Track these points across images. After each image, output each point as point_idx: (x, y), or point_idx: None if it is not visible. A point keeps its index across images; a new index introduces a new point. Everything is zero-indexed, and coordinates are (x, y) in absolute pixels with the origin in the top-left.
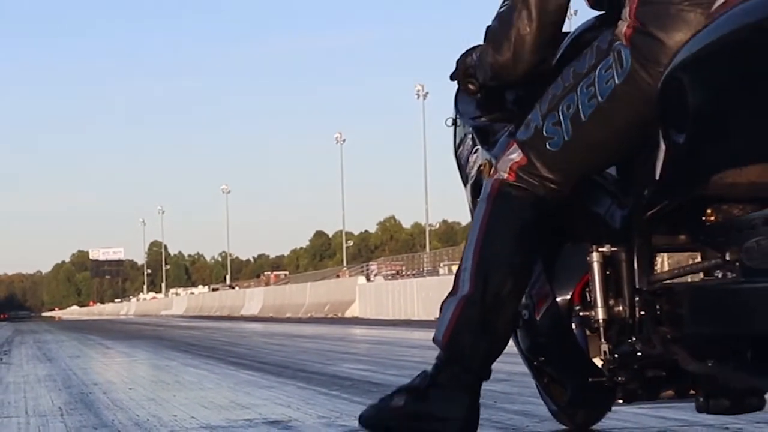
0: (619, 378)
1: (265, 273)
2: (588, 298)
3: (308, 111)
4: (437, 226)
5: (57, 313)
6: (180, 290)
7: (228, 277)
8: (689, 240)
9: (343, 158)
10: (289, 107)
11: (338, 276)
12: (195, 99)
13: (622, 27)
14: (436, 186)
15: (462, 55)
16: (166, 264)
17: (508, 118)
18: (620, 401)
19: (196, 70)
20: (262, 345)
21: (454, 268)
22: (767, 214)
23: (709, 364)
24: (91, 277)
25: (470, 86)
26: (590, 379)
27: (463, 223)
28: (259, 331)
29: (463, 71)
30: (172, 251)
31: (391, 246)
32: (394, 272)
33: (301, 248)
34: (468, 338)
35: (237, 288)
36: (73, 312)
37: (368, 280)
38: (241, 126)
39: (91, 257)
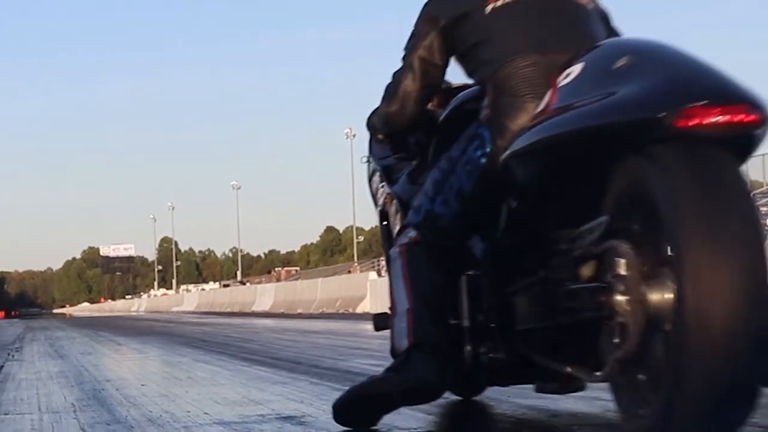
0: (480, 370)
1: (276, 269)
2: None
3: (318, 106)
4: None
5: (68, 310)
6: (191, 286)
7: (239, 273)
8: (529, 264)
9: (354, 153)
10: (300, 102)
11: (349, 272)
12: (205, 95)
13: (485, 113)
14: None
15: (373, 110)
16: (176, 260)
17: (408, 159)
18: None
19: (206, 65)
20: (274, 341)
21: None
22: (562, 248)
23: (540, 356)
24: (102, 274)
25: (378, 136)
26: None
27: None
28: (270, 327)
29: (372, 124)
30: (183, 247)
31: None
32: None
33: (312, 244)
34: (429, 327)
35: (248, 284)
36: (84, 309)
37: (379, 275)
38: (251, 122)
39: (101, 254)
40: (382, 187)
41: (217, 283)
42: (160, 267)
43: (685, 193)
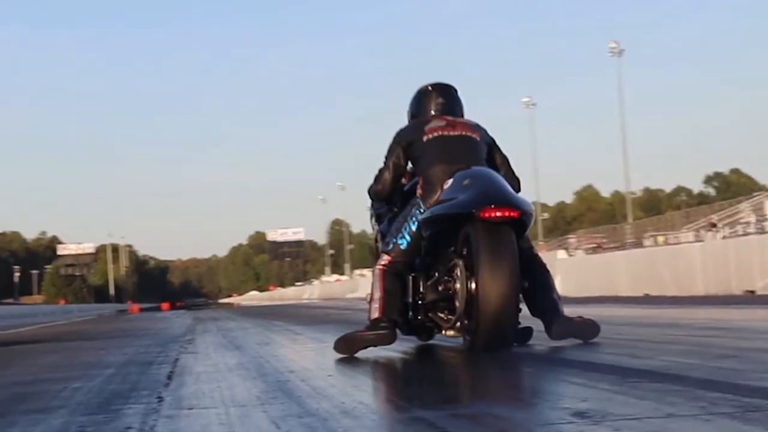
0: (418, 325)
1: None
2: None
3: (495, 76)
4: (639, 194)
5: (235, 299)
6: (365, 271)
7: None
8: (434, 269)
9: (535, 124)
10: (476, 72)
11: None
12: (373, 70)
13: (419, 192)
14: (637, 150)
15: (370, 185)
16: (349, 243)
17: (389, 211)
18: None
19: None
20: None
21: (660, 240)
22: (443, 262)
23: (434, 315)
24: (270, 260)
25: (372, 199)
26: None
27: (667, 190)
28: None
29: (369, 192)
30: (355, 230)
31: (589, 217)
32: (594, 245)
33: None
34: (389, 308)
35: None
36: (253, 297)
37: (568, 254)
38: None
39: (269, 239)
40: (375, 226)
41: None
42: (332, 251)
43: (483, 243)
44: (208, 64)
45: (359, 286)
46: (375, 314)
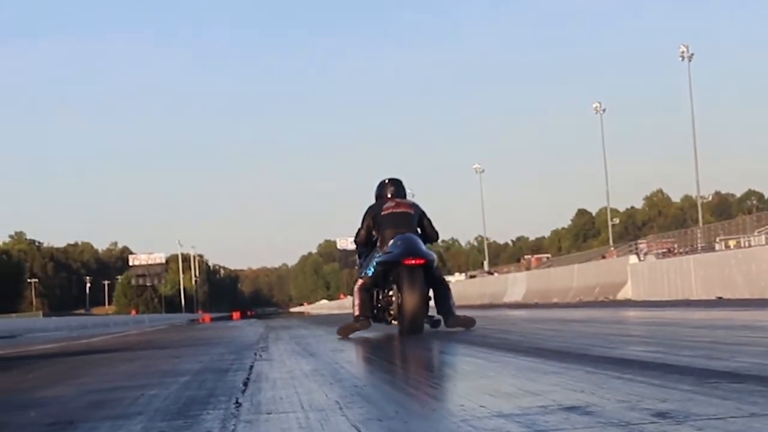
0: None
1: (526, 257)
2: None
3: (563, 81)
4: (710, 198)
5: (305, 308)
6: None
7: (486, 263)
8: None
9: (604, 129)
10: (543, 77)
11: (603, 257)
12: (441, 73)
13: (378, 243)
14: (707, 154)
15: (354, 236)
16: None
17: (363, 253)
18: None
19: (438, 41)
20: (535, 331)
21: (732, 244)
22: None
23: (386, 314)
24: (340, 269)
25: (357, 245)
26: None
27: (738, 195)
28: (527, 317)
29: (355, 241)
30: None
31: (659, 222)
32: (665, 250)
33: (563, 228)
34: (364, 309)
35: (496, 274)
36: (323, 306)
37: (639, 259)
38: (491, 99)
39: (339, 247)
40: (357, 260)
41: (463, 274)
42: None
43: (405, 277)
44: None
45: None
46: (356, 312)
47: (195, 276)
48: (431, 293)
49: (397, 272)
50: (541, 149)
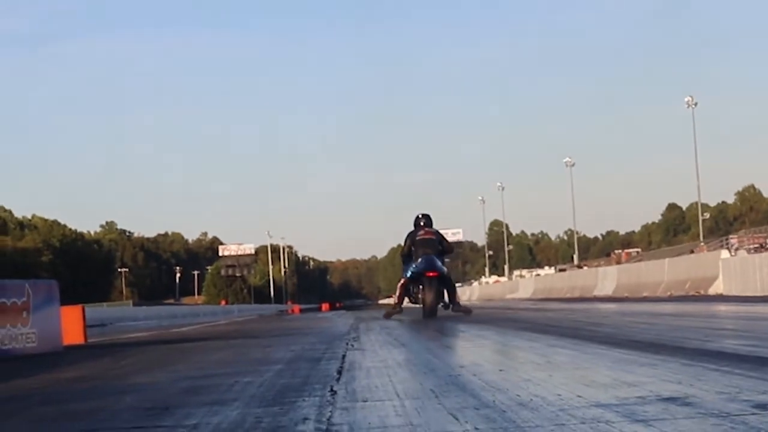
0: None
1: (616, 251)
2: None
3: (654, 75)
4: None
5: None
6: (524, 272)
7: (575, 257)
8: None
9: (696, 123)
10: (635, 71)
11: (692, 252)
12: (532, 66)
13: (414, 257)
14: None
15: (401, 251)
16: (508, 244)
17: (405, 262)
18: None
19: (530, 33)
20: (627, 324)
21: None
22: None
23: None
24: None
25: (403, 256)
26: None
27: None
28: (618, 311)
29: (401, 253)
30: (514, 231)
31: (751, 217)
32: (756, 245)
33: (653, 223)
34: (401, 299)
35: (585, 267)
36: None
37: (731, 254)
38: (582, 92)
39: None
40: (403, 268)
41: (552, 267)
42: (490, 252)
43: (425, 283)
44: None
45: (519, 287)
46: (395, 301)
47: (284, 267)
48: (445, 292)
49: (422, 279)
50: (632, 143)
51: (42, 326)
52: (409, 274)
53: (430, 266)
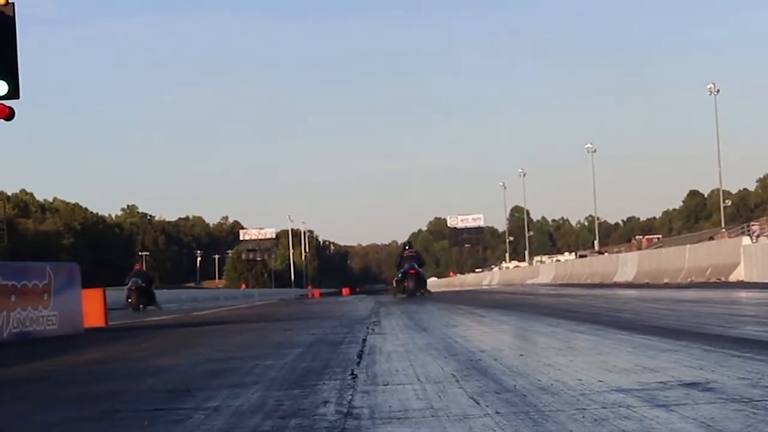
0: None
1: (637, 237)
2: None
3: (676, 61)
4: None
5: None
6: (545, 257)
7: (596, 243)
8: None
9: (717, 110)
10: (657, 57)
11: (711, 238)
12: (553, 53)
13: (403, 266)
14: None
15: (395, 264)
16: (528, 230)
17: (397, 267)
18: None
19: (551, 20)
20: (648, 310)
21: None
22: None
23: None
24: (450, 247)
25: (396, 267)
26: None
27: None
28: (638, 297)
29: (395, 263)
30: (535, 216)
31: None
32: None
33: (674, 209)
34: (397, 289)
35: (606, 254)
36: (432, 284)
37: (752, 240)
38: (604, 79)
39: (449, 225)
40: (400, 271)
41: (573, 253)
42: (511, 238)
43: (409, 278)
44: (390, 54)
45: (539, 273)
46: (394, 287)
47: (305, 251)
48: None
49: (407, 276)
50: (653, 129)
51: (63, 309)
52: (400, 274)
53: (411, 267)
